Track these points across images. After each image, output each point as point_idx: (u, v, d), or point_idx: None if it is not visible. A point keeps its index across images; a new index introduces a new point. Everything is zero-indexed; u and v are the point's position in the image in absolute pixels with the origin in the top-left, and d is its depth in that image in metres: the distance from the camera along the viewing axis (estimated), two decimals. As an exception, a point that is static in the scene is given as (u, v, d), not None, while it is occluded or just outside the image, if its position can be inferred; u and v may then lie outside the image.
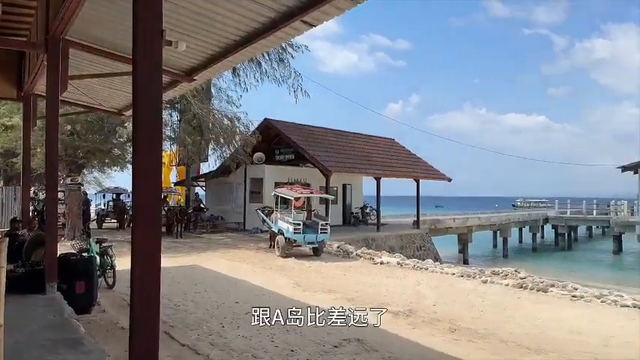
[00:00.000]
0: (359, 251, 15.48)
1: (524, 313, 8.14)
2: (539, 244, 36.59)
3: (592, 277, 23.35)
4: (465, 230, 27.78)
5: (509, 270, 11.47)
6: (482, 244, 34.56)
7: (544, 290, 9.60)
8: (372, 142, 27.10)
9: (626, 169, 32.48)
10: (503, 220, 32.26)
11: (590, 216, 36.12)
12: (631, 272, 25.98)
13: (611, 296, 8.77)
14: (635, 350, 6.18)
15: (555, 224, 36.30)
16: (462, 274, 11.83)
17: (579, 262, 29.66)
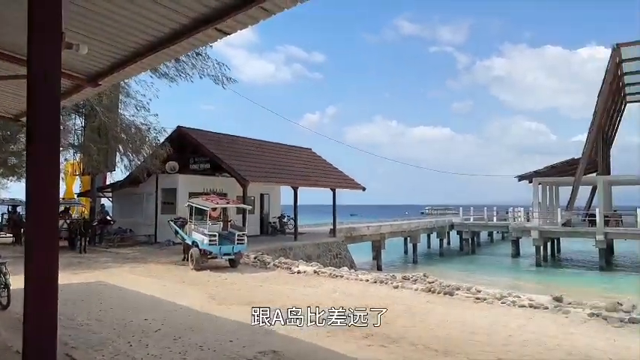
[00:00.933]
0: (276, 261, 15.41)
1: (433, 316, 8.52)
2: (446, 249, 38.65)
3: (494, 279, 25.10)
4: (379, 237, 28.66)
5: (418, 275, 11.97)
6: (395, 251, 35.86)
7: (450, 293, 10.12)
8: (290, 152, 27.24)
9: (522, 178, 35.40)
10: (413, 227, 33.70)
11: (491, 222, 38.78)
12: (527, 274, 28.23)
13: (510, 297, 9.44)
14: (531, 347, 6.69)
15: (460, 230, 38.53)
16: (375, 280, 12.16)
17: (482, 265, 31.70)
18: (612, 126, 39.63)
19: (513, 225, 33.28)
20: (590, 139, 31.94)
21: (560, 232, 31.50)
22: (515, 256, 33.83)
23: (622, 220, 31.71)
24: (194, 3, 4.73)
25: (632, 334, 7.44)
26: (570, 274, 27.90)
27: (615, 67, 30.55)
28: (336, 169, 28.31)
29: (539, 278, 26.19)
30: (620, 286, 23.37)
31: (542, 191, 36.20)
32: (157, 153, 19.89)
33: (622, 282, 24.91)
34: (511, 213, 35.43)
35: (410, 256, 33.95)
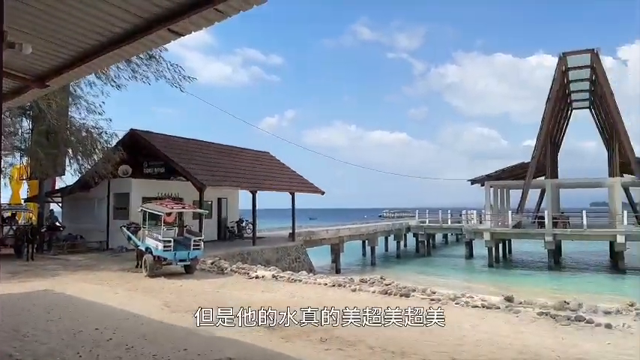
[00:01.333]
0: (234, 266, 15.22)
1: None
2: (403, 252, 39.25)
3: (449, 280, 25.72)
4: (338, 241, 28.80)
5: (375, 278, 12.11)
6: (354, 254, 36.13)
7: (406, 295, 10.28)
8: (249, 156, 27.01)
9: (474, 182, 36.45)
10: (371, 230, 34.08)
11: (446, 225, 39.68)
12: (480, 275, 29.05)
13: (464, 298, 9.68)
14: (484, 347, 6.87)
15: (416, 233, 39.25)
16: (333, 283, 12.20)
17: (438, 266, 32.38)
18: (559, 131, 41.46)
19: (467, 227, 34.17)
20: (539, 143, 33.26)
21: (511, 233, 32.59)
22: (468, 258, 34.74)
23: (569, 221, 33.13)
24: (146, 3, 4.62)
25: (579, 331, 7.77)
26: (521, 275, 28.91)
27: (562, 74, 31.98)
28: (295, 172, 28.29)
29: (492, 279, 26.98)
30: (568, 285, 24.40)
31: (493, 194, 37.41)
32: (109, 157, 19.27)
33: (569, 281, 26.02)
34: (464, 215, 36.37)
35: (368, 259, 34.31)
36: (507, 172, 35.52)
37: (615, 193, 33.29)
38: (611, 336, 7.56)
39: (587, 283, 25.46)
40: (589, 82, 34.03)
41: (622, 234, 28.14)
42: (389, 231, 38.09)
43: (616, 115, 30.68)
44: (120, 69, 18.40)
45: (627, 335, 7.65)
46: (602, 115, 36.15)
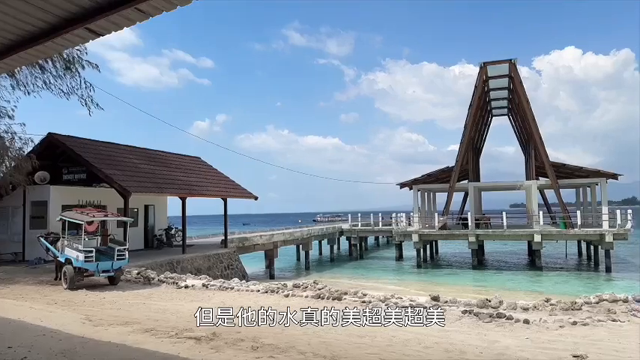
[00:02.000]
0: (162, 276, 14.67)
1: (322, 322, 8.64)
2: (336, 255, 39.74)
3: (380, 282, 26.31)
4: (272, 246, 28.62)
5: (308, 282, 12.13)
6: (288, 259, 36.11)
7: (339, 298, 10.38)
8: (178, 161, 26.21)
9: (403, 185, 37.54)
10: (305, 235, 34.19)
11: (377, 227, 40.62)
12: (409, 275, 29.98)
13: (393, 299, 9.92)
14: (412, 347, 7.05)
15: (349, 236, 39.91)
16: (266, 290, 12.09)
17: (370, 269, 33.06)
18: (481, 137, 43.74)
19: (396, 230, 35.14)
20: (462, 148, 34.88)
21: (437, 235, 33.87)
22: (398, 259, 35.75)
23: (490, 222, 34.98)
24: (63, 1, 4.37)
25: (500, 327, 8.19)
26: (447, 274, 30.13)
27: (482, 83, 33.76)
28: (227, 178, 27.82)
29: (420, 279, 27.93)
30: (490, 283, 25.73)
31: (421, 197, 38.75)
32: (22, 164, 17.94)
33: (492, 279, 27.45)
34: (394, 218, 37.40)
35: (302, 264, 34.39)
36: (434, 175, 36.91)
37: (532, 195, 35.55)
38: (528, 331, 8.04)
39: (507, 280, 27.00)
40: (507, 90, 36.19)
41: (539, 233, 30.09)
42: (323, 235, 38.40)
43: (532, 121, 32.81)
44: (35, 76, 17.30)
45: (543, 330, 8.16)
46: (520, 122, 38.55)
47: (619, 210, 30.72)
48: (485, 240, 33.52)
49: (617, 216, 29.72)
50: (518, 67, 32.62)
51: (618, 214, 29.79)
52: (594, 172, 32.88)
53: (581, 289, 21.09)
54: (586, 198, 37.96)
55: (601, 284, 24.47)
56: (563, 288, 23.32)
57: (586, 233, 30.28)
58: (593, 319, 8.98)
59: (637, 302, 10.97)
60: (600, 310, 9.94)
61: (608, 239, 28.52)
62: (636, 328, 8.77)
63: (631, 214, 29.82)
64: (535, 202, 34.92)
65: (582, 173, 33.39)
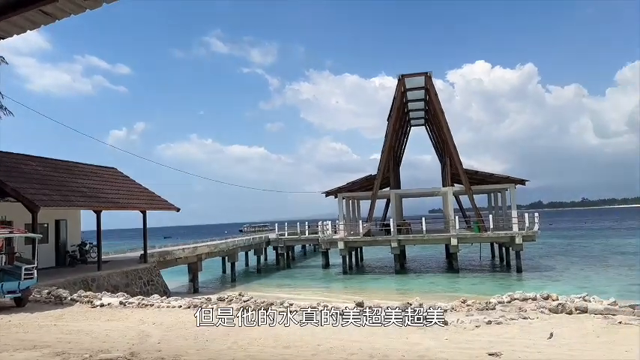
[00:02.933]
0: (75, 295, 13.73)
1: (247, 335, 8.50)
2: (263, 266, 39.41)
3: (307, 290, 26.38)
4: (195, 259, 27.80)
5: (233, 294, 11.89)
6: (213, 271, 35.27)
7: (265, 309, 10.25)
8: (92, 172, 24.78)
9: (328, 194, 38.05)
10: (231, 246, 33.59)
11: (304, 236, 40.80)
12: (336, 283, 30.34)
13: (320, 307, 9.95)
14: (336, 354, 7.10)
15: (276, 246, 39.75)
16: (188, 305, 11.69)
17: (297, 278, 33.08)
18: (401, 146, 45.43)
19: (322, 237, 35.48)
20: (383, 157, 36.01)
21: (361, 241, 34.62)
22: (325, 267, 36.09)
23: (411, 227, 36.30)
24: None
25: (421, 330, 8.47)
26: (372, 280, 30.84)
27: (401, 95, 35.12)
28: (146, 189, 26.70)
29: (347, 286, 28.36)
30: (412, 287, 26.64)
31: (346, 205, 39.47)
32: None
33: (413, 283, 28.44)
34: (321, 226, 37.77)
35: (228, 276, 33.72)
36: (357, 183, 37.75)
37: (448, 200, 37.39)
38: (447, 332, 8.38)
39: (428, 283, 28.10)
40: (424, 101, 37.91)
41: (455, 237, 31.64)
42: (249, 245, 37.92)
43: (446, 131, 34.57)
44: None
45: (460, 330, 8.54)
46: (436, 131, 40.49)
47: (527, 213, 33.09)
48: (406, 245, 34.72)
49: (526, 219, 31.98)
50: (433, 80, 34.30)
51: (526, 217, 32.06)
52: (504, 178, 35.20)
53: (495, 289, 22.35)
54: (497, 203, 40.49)
55: (513, 284, 26.12)
56: (479, 289, 24.63)
57: (498, 236, 32.27)
58: (506, 317, 9.55)
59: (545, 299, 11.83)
60: (512, 308, 10.60)
61: (518, 241, 30.55)
62: (544, 324, 9.43)
63: (537, 217, 32.18)
64: (451, 207, 36.76)
65: (493, 180, 35.61)
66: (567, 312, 10.17)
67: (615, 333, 8.78)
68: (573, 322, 9.63)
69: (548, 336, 8.43)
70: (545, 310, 10.38)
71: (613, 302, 11.37)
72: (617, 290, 22.61)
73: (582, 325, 9.38)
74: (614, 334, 8.65)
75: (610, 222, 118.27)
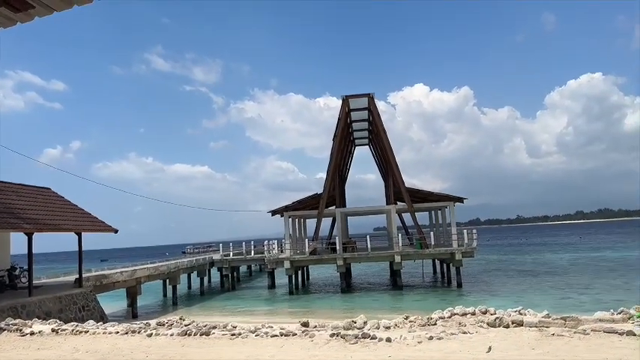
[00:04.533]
0: (2, 324, 12.80)
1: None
2: (206, 288, 38.42)
3: (252, 312, 25.95)
4: (134, 283, 26.71)
5: (174, 319, 11.51)
6: (153, 295, 34.02)
7: (207, 334, 9.97)
8: (23, 192, 23.40)
9: (274, 213, 37.84)
10: (172, 268, 32.54)
11: (249, 256, 40.22)
12: (282, 303, 30.04)
13: (264, 329, 9.81)
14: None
15: (220, 267, 38.88)
16: (126, 330, 11.18)
17: (242, 299, 32.47)
18: (346, 165, 46.08)
19: (268, 257, 35.14)
20: (329, 176, 36.37)
21: (308, 260, 34.57)
22: (271, 287, 35.68)
23: (356, 245, 36.67)
24: None
25: (364, 348, 8.52)
26: (318, 299, 30.76)
27: (345, 115, 35.77)
28: (81, 210, 25.48)
29: (293, 306, 28.12)
30: (357, 304, 26.81)
31: (292, 224, 39.38)
32: None
33: (359, 301, 28.63)
34: (266, 246, 37.40)
35: (170, 299, 32.57)
36: (303, 202, 37.82)
37: (392, 218, 38.15)
38: (390, 349, 8.48)
39: (373, 301, 28.37)
40: (367, 122, 38.78)
41: (398, 254, 32.25)
42: (192, 267, 36.87)
43: (389, 150, 35.46)
44: None
45: (403, 346, 8.67)
46: (379, 151, 41.42)
47: (465, 230, 34.27)
48: (352, 263, 34.97)
49: (465, 235, 33.12)
50: (375, 101, 35.19)
51: (465, 234, 33.21)
52: (444, 196, 36.39)
53: (437, 304, 22.88)
54: (438, 220, 41.74)
55: (454, 299, 26.85)
56: (421, 305, 25.13)
57: (439, 252, 33.19)
58: (447, 332, 9.78)
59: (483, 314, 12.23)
60: (453, 323, 10.88)
61: (458, 257, 31.54)
62: (483, 338, 9.74)
63: (476, 234, 33.40)
64: (394, 225, 37.51)
65: (433, 198, 36.74)
66: (504, 325, 10.57)
67: (549, 344, 9.20)
68: (510, 335, 10.01)
69: (487, 350, 8.71)
70: (483, 324, 10.74)
71: (546, 315, 11.93)
72: (550, 303, 23.77)
73: (519, 337, 9.77)
74: (547, 346, 9.06)
75: (543, 238, 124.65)
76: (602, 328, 10.29)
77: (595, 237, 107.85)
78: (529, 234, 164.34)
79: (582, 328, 10.37)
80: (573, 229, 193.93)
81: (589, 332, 10.09)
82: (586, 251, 64.79)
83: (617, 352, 8.69)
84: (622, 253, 56.17)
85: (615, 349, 8.88)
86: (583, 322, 11.06)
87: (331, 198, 38.48)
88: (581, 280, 33.72)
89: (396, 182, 35.96)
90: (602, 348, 8.82)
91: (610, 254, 56.36)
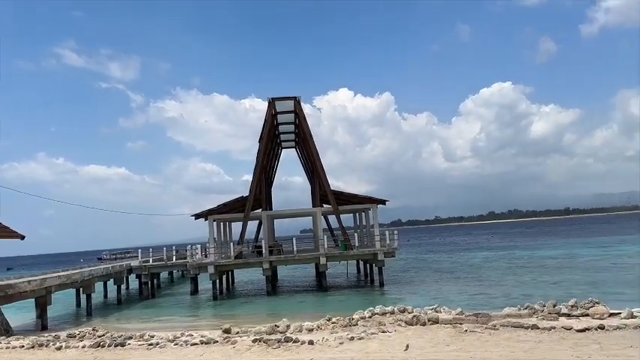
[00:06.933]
0: None
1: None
2: (124, 296, 36.61)
3: (173, 320, 25.08)
4: (44, 292, 24.85)
5: (86, 330, 10.87)
6: (65, 305, 31.98)
7: (122, 344, 9.51)
8: None
9: (198, 216, 36.87)
10: (87, 276, 30.65)
11: (171, 262, 38.79)
12: (205, 309, 29.31)
13: (183, 337, 9.52)
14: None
15: (139, 273, 37.13)
16: (32, 344, 10.41)
17: (163, 307, 31.27)
18: (272, 168, 45.91)
19: (191, 262, 34.13)
20: (255, 179, 36.01)
21: (233, 264, 33.99)
22: (194, 294, 34.69)
23: (283, 248, 36.60)
24: None
25: (287, 352, 8.51)
26: (243, 304, 30.30)
27: (271, 117, 35.62)
28: (-18, 215, 23.39)
29: (217, 312, 27.51)
30: (283, 308, 26.67)
31: (217, 227, 38.58)
32: None
33: (284, 304, 28.54)
34: (189, 250, 36.29)
35: (84, 309, 30.65)
36: (229, 205, 37.14)
37: (317, 220, 38.48)
38: (313, 351, 8.53)
39: (298, 303, 28.43)
40: (294, 125, 38.88)
41: (324, 256, 32.58)
42: (108, 275, 34.94)
43: (315, 153, 35.76)
44: None
45: (325, 348, 8.76)
46: (305, 154, 41.67)
47: (387, 231, 35.33)
48: (278, 265, 34.83)
49: (387, 236, 34.12)
50: (302, 104, 35.37)
51: (387, 235, 34.22)
52: (367, 198, 37.28)
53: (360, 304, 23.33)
54: (362, 221, 42.69)
55: (376, 299, 27.54)
56: (345, 305, 25.49)
57: (362, 253, 33.94)
58: (367, 332, 10.02)
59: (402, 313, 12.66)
60: (373, 323, 11.17)
61: (380, 257, 32.42)
62: (401, 336, 10.07)
63: (397, 234, 34.51)
64: (320, 227, 37.87)
65: (357, 200, 37.53)
66: (421, 323, 11.00)
67: (462, 340, 9.69)
68: (427, 332, 10.43)
69: (405, 348, 9.02)
70: (402, 322, 11.11)
71: (460, 312, 12.57)
72: (465, 300, 25.07)
73: (434, 335, 10.21)
74: (460, 342, 9.54)
75: (458, 237, 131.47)
76: (510, 324, 11.00)
77: (505, 236, 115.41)
78: (445, 234, 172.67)
79: (492, 324, 11.03)
80: (486, 229, 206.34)
81: (498, 327, 10.76)
82: (497, 250, 69.11)
83: (523, 345, 9.34)
84: (529, 252, 60.52)
85: (521, 342, 9.52)
86: (493, 318, 11.78)
87: (257, 201, 38.13)
88: (492, 277, 35.88)
89: (321, 185, 36.34)
90: (510, 342, 9.43)
91: (519, 252, 60.52)
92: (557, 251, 57.48)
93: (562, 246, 66.29)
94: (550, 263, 43.69)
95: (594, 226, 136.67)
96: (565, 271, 36.45)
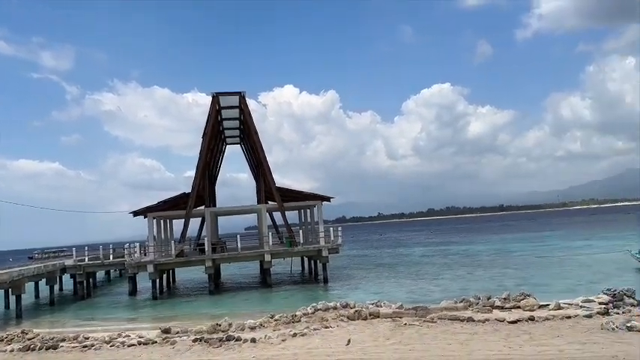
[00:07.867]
0: None
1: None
2: (57, 297, 34.86)
3: (110, 321, 24.18)
4: (-34, 295, 23.27)
5: (15, 333, 10.29)
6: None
7: (54, 347, 9.08)
8: None
9: (137, 214, 35.67)
10: (16, 276, 28.92)
11: (107, 261, 37.30)
12: (144, 310, 28.42)
13: (120, 338, 9.22)
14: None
15: (74, 273, 35.49)
16: (-47, 352, 9.71)
17: (99, 308, 30.09)
18: (216, 164, 45.12)
19: (129, 261, 32.98)
20: (198, 175, 35.27)
21: (173, 263, 33.19)
22: (132, 294, 33.56)
23: (226, 245, 36.11)
24: None
25: (228, 351, 8.44)
26: (184, 303, 29.67)
27: (215, 112, 34.99)
28: None
29: (156, 312, 26.77)
30: (226, 306, 26.33)
31: (157, 225, 37.48)
32: None
33: (227, 302, 28.19)
34: (127, 249, 35.04)
35: (12, 312, 28.91)
36: (170, 202, 36.16)
37: (262, 217, 38.27)
38: (255, 349, 8.51)
39: (242, 301, 28.17)
40: (239, 120, 38.38)
41: (268, 253, 32.47)
42: (39, 275, 33.10)
43: (260, 150, 35.50)
44: None
45: (268, 346, 8.76)
46: (251, 150, 41.27)
47: (332, 227, 35.70)
48: (221, 263, 34.33)
49: (331, 233, 34.48)
50: (247, 100, 34.99)
51: (331, 232, 34.58)
52: (312, 195, 37.48)
53: (304, 301, 23.43)
54: (307, 218, 42.86)
55: (320, 295, 27.76)
56: (289, 302, 25.55)
57: (307, 250, 34.13)
58: (310, 328, 10.11)
59: (344, 308, 12.85)
60: (316, 319, 11.28)
61: (324, 254, 32.72)
62: (343, 331, 10.23)
63: (340, 231, 34.93)
64: (265, 224, 37.68)
65: (302, 197, 37.66)
66: (363, 318, 11.24)
67: (401, 334, 9.99)
68: (368, 327, 10.66)
69: (346, 342, 9.18)
70: (344, 317, 11.29)
71: (400, 306, 12.93)
72: (405, 293, 25.80)
73: (375, 329, 10.45)
74: (400, 335, 9.83)
75: (399, 233, 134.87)
76: (447, 316, 11.44)
77: (443, 232, 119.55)
78: (387, 230, 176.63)
79: (430, 317, 11.43)
80: (425, 225, 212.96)
81: (436, 320, 11.17)
82: (435, 245, 71.52)
83: (459, 337, 9.74)
84: (465, 247, 63.07)
85: (457, 334, 9.93)
86: (431, 311, 12.21)
87: (200, 197, 37.39)
88: (431, 271, 37.12)
89: (266, 181, 36.14)
90: (446, 334, 9.82)
91: (455, 247, 62.92)
92: (491, 246, 60.25)
93: (496, 241, 69.55)
94: (485, 258, 45.72)
95: (526, 223, 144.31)
96: (498, 265, 38.28)
